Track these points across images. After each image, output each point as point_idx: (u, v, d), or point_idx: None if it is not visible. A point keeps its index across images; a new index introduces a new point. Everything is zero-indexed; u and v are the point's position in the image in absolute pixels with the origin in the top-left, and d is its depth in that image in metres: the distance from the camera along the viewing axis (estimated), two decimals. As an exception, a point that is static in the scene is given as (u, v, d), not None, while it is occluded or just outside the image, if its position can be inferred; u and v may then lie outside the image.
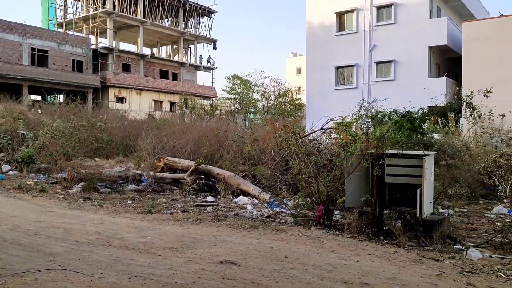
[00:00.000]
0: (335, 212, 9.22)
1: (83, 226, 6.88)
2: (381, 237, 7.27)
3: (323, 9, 27.95)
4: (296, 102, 32.25)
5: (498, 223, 9.24)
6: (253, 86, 32.19)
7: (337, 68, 27.53)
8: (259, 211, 9.48)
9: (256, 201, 10.87)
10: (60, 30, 41.76)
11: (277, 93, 31.06)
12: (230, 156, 13.84)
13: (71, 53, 36.74)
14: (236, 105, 33.56)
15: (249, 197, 11.26)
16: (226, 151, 14.45)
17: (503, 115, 18.43)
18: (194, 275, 4.45)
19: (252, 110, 32.70)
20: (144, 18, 42.09)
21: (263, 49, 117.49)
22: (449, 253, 6.36)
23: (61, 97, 35.13)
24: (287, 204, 9.56)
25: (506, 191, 12.55)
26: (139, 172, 13.06)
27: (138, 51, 43.10)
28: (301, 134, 9.04)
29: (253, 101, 32.36)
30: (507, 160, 13.44)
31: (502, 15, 24.23)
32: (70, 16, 42.57)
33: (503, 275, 5.28)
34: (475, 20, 26.39)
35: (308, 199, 8.35)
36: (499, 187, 12.86)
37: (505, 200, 12.23)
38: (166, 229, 6.93)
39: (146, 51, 46.51)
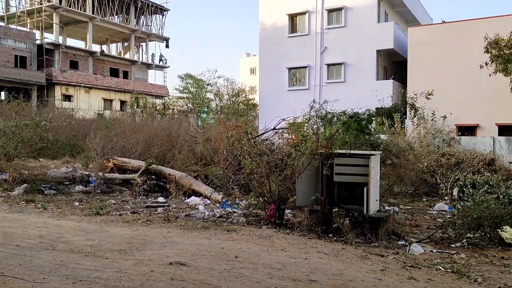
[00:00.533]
0: (287, 211, 9.35)
1: (25, 230, 6.55)
2: (330, 235, 7.47)
3: (276, 11, 28.25)
4: (250, 102, 32.36)
5: (439, 219, 9.75)
6: (206, 86, 31.94)
7: (289, 69, 27.92)
8: (211, 212, 9.45)
9: (208, 201, 10.82)
10: (1, 23, 39.51)
11: (231, 93, 31.04)
12: (182, 156, 13.68)
13: (13, 48, 34.84)
14: (189, 105, 33.17)
15: (201, 197, 11.19)
16: (178, 151, 14.26)
17: (444, 117, 19.46)
18: (142, 277, 4.37)
19: (205, 109, 32.42)
20: (93, 13, 40.68)
21: (217, 48, 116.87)
22: (394, 249, 6.63)
23: (2, 95, 33.24)
24: (240, 204, 9.58)
25: (446, 189, 13.25)
26: (87, 172, 12.63)
27: (87, 47, 41.60)
28: (253, 134, 9.10)
29: (206, 100, 32.09)
30: (448, 160, 14.20)
31: (443, 22, 25.56)
32: (13, 9, 40.39)
33: (442, 268, 5.57)
34: (420, 26, 27.67)
35: (260, 198, 8.41)
36: (440, 185, 13.55)
37: (446, 197, 12.89)
38: (114, 231, 6.75)
39: (95, 48, 45.01)
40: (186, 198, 11.25)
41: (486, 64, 18.22)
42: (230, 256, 5.14)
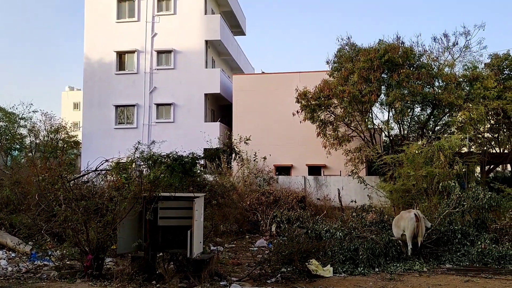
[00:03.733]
0: (108, 259, 8.76)
1: None
2: (154, 282, 7.21)
3: (103, 47, 27.25)
4: (72, 140, 29.86)
5: (259, 256, 10.34)
6: (19, 120, 28.31)
7: (117, 106, 26.95)
8: (15, 267, 8.24)
9: (14, 254, 9.44)
10: None
11: (49, 129, 28.16)
12: (-19, 202, 11.71)
13: None
14: (-5, 141, 28.80)
15: (4, 250, 9.73)
16: (-24, 196, 12.16)
17: (264, 158, 21.20)
18: None
19: (18, 146, 28.63)
20: None
21: (34, 79, 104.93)
22: (215, 291, 6.74)
23: None
24: (52, 256, 8.58)
25: (266, 225, 14.26)
26: None
27: None
28: (69, 177, 8.35)
29: (18, 136, 28.34)
30: (268, 198, 15.38)
31: (263, 72, 28.34)
32: None
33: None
34: (243, 74, 30.09)
35: (76, 248, 7.67)
36: (261, 222, 14.53)
37: (266, 234, 13.83)
38: None
39: None
40: (-16, 252, 9.59)
41: (298, 112, 20.75)
42: (32, 321, 4.49)
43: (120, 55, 27.40)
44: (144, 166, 8.79)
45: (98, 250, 7.43)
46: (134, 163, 8.58)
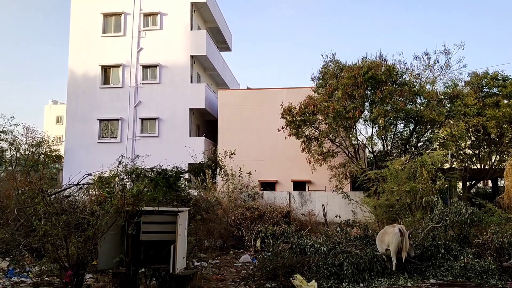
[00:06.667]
0: (89, 275, 8.55)
1: None
2: (135, 299, 7.05)
3: (88, 60, 27.10)
4: (54, 154, 29.33)
5: (243, 271, 10.22)
6: (0, 134, 27.79)
7: (100, 120, 26.70)
8: (-9, 283, 7.98)
9: (-10, 270, 9.15)
10: None
11: (31, 143, 27.66)
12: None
13: None
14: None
15: (-20, 266, 9.38)
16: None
17: (249, 173, 21.14)
18: None
19: (-3, 160, 28.09)
20: None
21: (16, 92, 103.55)
22: (198, 307, 6.62)
23: None
24: (31, 272, 8.34)
25: (251, 241, 14.16)
26: None
27: None
28: (50, 191, 8.17)
29: (-2, 150, 27.83)
30: (252, 213, 15.29)
31: (249, 88, 28.49)
32: None
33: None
34: (228, 90, 30.17)
35: (55, 264, 7.47)
36: (246, 237, 14.42)
37: (251, 249, 13.72)
38: None
39: None
40: (-42, 269, 9.27)
41: (282, 128, 20.82)
42: None
43: (105, 69, 27.26)
44: (127, 180, 8.66)
45: (78, 266, 7.24)
46: (117, 177, 8.46)
